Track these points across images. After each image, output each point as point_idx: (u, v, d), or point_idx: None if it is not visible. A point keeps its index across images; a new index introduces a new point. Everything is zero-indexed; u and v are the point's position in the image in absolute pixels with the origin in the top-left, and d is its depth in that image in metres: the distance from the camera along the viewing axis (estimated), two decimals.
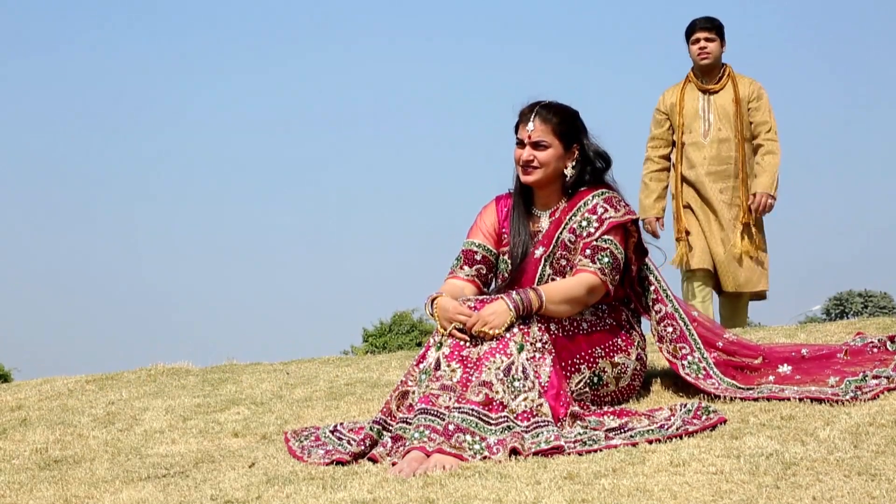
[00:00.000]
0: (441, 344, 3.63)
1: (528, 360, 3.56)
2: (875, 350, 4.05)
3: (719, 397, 3.78)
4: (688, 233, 6.18)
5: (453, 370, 3.56)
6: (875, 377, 3.78)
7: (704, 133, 6.15)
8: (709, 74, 6.22)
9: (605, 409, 3.74)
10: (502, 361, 3.53)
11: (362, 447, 3.54)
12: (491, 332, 3.59)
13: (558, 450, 3.35)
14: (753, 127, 6.15)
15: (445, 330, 3.65)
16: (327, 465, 3.46)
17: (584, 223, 3.83)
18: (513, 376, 3.51)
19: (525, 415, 3.46)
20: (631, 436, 3.43)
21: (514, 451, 3.35)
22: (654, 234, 6.23)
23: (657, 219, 6.28)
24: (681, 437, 3.39)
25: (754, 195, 6.09)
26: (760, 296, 6.24)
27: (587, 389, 3.77)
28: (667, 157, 6.30)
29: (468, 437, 3.38)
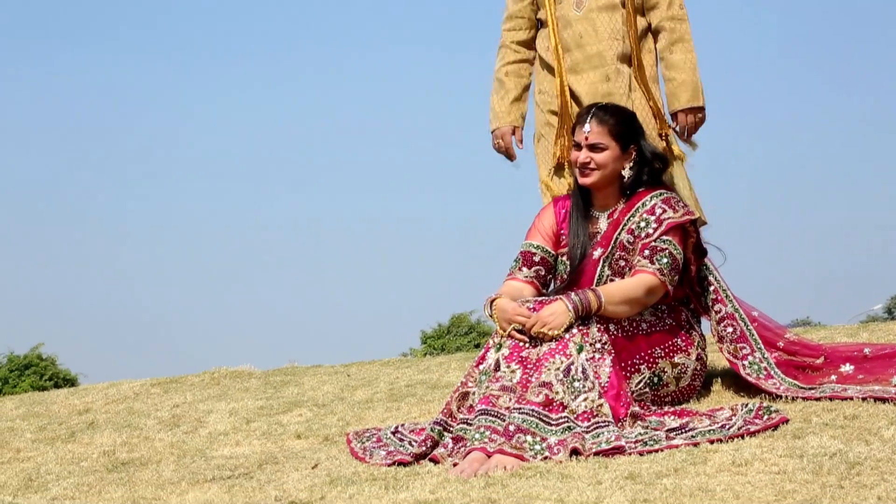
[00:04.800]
0: (500, 345, 3.65)
1: (587, 360, 3.56)
2: None
3: (781, 397, 3.77)
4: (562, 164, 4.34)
5: (513, 371, 3.58)
6: None
7: (577, 1, 4.39)
8: None
9: (666, 409, 3.74)
10: (562, 362, 3.54)
11: (423, 448, 3.56)
12: (550, 333, 3.60)
13: (619, 450, 3.35)
14: None
15: (505, 331, 3.66)
16: (389, 465, 3.49)
17: (643, 224, 3.83)
18: (572, 377, 3.52)
19: (585, 415, 3.47)
20: (692, 436, 3.42)
21: (575, 452, 3.36)
22: (510, 154, 4.44)
23: (514, 129, 4.46)
24: (742, 437, 3.38)
25: (675, 116, 4.27)
26: None
27: (647, 390, 3.77)
28: (528, 45, 4.51)
29: (529, 438, 3.40)
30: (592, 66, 4.29)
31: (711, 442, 3.36)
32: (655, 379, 3.78)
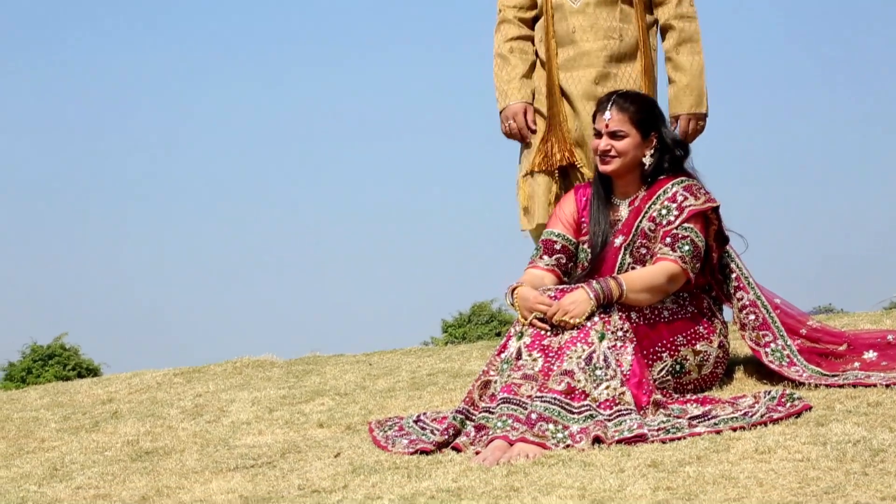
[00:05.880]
0: (522, 334, 3.65)
1: (609, 348, 3.56)
2: None
3: (804, 384, 3.76)
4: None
5: (534, 360, 3.58)
6: None
7: None
8: None
9: (688, 396, 3.73)
10: (583, 350, 3.54)
11: (446, 436, 3.57)
12: (571, 321, 3.60)
13: (641, 438, 3.35)
14: None
15: (526, 320, 3.66)
16: (411, 454, 3.50)
17: (664, 211, 3.82)
18: (594, 365, 3.52)
19: (607, 403, 3.47)
20: (715, 423, 3.42)
21: (598, 440, 3.36)
22: (523, 135, 4.24)
23: (525, 107, 4.22)
24: (765, 425, 3.37)
25: (675, 119, 4.19)
26: None
27: (669, 377, 3.77)
28: (530, 24, 4.26)
29: (551, 426, 3.40)
30: (584, 65, 4.15)
31: (734, 429, 3.35)
32: (677, 367, 3.78)
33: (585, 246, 3.93)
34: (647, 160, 3.87)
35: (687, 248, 3.76)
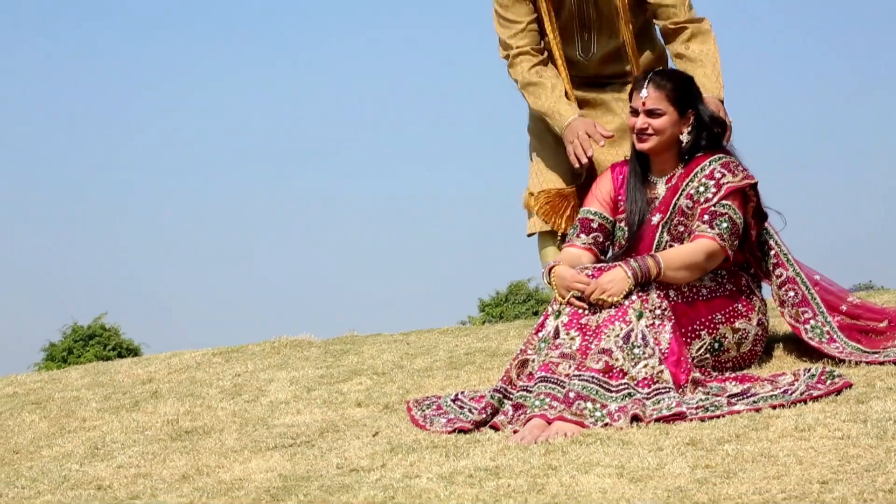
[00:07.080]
0: (559, 312, 3.65)
1: (647, 327, 3.55)
2: None
3: (844, 361, 3.73)
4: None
5: (572, 338, 3.57)
6: None
7: (583, 47, 4.17)
8: None
9: (727, 374, 3.72)
10: (621, 329, 3.53)
11: (484, 415, 3.57)
12: (609, 299, 3.59)
13: (680, 416, 3.34)
14: (659, 10, 4.11)
15: (563, 298, 3.66)
16: (449, 433, 3.51)
17: (702, 189, 3.80)
18: (632, 343, 3.51)
19: (646, 382, 3.46)
20: (754, 401, 3.40)
21: (636, 418, 3.35)
22: (596, 139, 4.03)
23: (590, 121, 4.07)
24: (805, 402, 3.35)
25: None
26: None
27: (708, 356, 3.75)
28: (543, 52, 4.20)
29: (589, 405, 3.40)
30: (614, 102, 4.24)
31: (773, 407, 3.34)
32: (716, 345, 3.76)
33: (622, 224, 3.91)
34: (685, 138, 3.85)
35: (725, 225, 3.74)
